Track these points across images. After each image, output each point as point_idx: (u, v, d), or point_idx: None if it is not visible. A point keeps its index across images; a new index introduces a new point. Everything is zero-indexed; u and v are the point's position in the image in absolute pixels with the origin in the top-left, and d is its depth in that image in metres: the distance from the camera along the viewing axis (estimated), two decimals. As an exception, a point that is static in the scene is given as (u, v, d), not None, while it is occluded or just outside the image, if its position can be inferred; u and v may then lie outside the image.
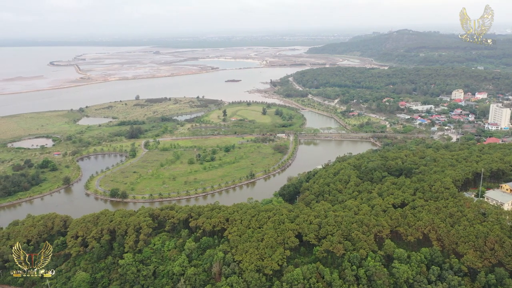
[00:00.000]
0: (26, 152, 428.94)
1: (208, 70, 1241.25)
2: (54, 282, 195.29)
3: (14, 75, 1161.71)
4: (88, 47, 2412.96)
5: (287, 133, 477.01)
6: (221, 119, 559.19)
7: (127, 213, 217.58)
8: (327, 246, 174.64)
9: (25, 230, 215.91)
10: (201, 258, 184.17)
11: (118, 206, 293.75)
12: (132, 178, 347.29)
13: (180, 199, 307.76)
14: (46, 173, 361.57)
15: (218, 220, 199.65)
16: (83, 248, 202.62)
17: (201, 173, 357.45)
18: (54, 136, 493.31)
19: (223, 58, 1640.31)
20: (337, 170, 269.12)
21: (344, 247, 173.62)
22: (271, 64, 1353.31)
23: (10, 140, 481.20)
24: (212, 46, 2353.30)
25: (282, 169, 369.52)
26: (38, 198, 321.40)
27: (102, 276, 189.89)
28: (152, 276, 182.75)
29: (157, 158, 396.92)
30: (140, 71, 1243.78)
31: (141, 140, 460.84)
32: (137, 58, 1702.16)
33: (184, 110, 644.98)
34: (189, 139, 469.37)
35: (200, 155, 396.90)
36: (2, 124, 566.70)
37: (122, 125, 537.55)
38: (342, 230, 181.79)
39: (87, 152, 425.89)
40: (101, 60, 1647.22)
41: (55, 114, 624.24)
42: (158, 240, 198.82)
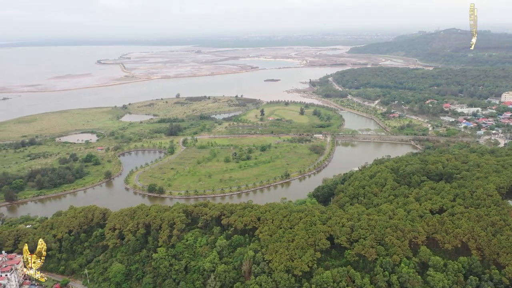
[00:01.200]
0: (72, 146, 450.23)
1: (248, 70, 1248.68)
2: (92, 272, 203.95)
3: (65, 73, 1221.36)
4: (134, 46, 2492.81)
5: (324, 133, 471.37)
6: (258, 118, 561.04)
7: (162, 208, 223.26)
8: (359, 250, 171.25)
9: (67, 221, 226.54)
10: (231, 256, 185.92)
11: (155, 201, 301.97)
12: (169, 174, 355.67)
13: (214, 196, 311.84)
14: (89, 167, 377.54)
15: (249, 219, 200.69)
16: (120, 241, 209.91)
17: (237, 172, 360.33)
18: (98, 132, 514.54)
19: (263, 57, 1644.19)
20: (374, 173, 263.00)
21: (376, 252, 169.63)
22: (311, 64, 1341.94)
23: (58, 134, 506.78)
24: (253, 45, 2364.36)
25: (318, 170, 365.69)
26: (81, 191, 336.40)
27: (137, 269, 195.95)
28: (183, 271, 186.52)
29: (194, 156, 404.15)
30: (182, 70, 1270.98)
31: (179, 138, 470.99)
32: (179, 57, 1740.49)
33: (222, 109, 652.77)
34: (226, 137, 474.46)
35: (236, 154, 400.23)
36: (52, 119, 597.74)
37: (162, 122, 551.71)
38: (375, 234, 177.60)
39: (128, 148, 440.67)
40: (145, 59, 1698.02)
41: (100, 111, 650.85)
42: (190, 236, 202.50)
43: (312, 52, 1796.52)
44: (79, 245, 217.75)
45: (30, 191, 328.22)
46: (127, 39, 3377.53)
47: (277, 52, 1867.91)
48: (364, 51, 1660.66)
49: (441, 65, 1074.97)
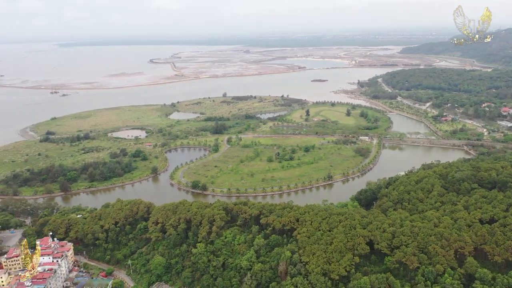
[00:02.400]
0: (123, 141, 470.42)
1: (295, 69, 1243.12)
2: (135, 263, 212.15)
3: (119, 71, 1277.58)
4: (184, 46, 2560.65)
5: (370, 136, 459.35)
6: (303, 119, 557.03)
7: (203, 205, 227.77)
8: (400, 257, 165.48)
9: (114, 213, 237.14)
10: (268, 255, 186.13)
11: (198, 197, 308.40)
12: (213, 172, 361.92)
13: (256, 195, 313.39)
14: (137, 162, 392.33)
15: (288, 219, 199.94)
16: (162, 234, 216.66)
17: (279, 172, 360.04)
18: (147, 128, 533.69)
19: (311, 57, 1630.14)
20: (420, 178, 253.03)
21: (418, 260, 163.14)
22: (360, 64, 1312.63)
23: (110, 130, 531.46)
24: (301, 45, 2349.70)
25: (362, 173, 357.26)
26: (129, 185, 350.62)
27: (177, 262, 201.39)
28: (221, 267, 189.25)
29: (237, 154, 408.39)
30: (230, 69, 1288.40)
31: (224, 136, 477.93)
32: (227, 56, 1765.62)
33: (267, 109, 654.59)
34: (270, 137, 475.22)
35: (279, 154, 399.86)
36: (105, 115, 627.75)
37: (208, 120, 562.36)
38: (418, 242, 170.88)
39: (175, 144, 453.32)
40: (195, 58, 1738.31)
41: (150, 108, 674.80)
42: (229, 233, 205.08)
43: (361, 52, 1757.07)
44: (124, 236, 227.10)
45: (82, 183, 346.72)
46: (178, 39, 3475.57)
47: (325, 52, 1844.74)
48: (417, 51, 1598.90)
49: (501, 66, 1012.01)
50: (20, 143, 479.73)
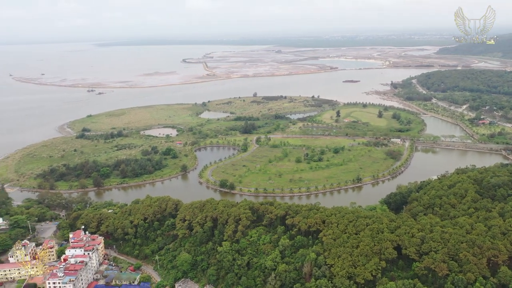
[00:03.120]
0: (154, 139, 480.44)
1: (327, 70, 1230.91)
2: (162, 259, 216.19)
3: (152, 71, 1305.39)
4: (217, 46, 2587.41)
5: (402, 138, 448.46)
6: (333, 120, 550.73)
7: (230, 204, 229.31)
8: (429, 263, 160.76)
9: (143, 209, 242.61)
10: (293, 256, 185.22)
11: (226, 196, 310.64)
12: (241, 171, 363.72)
13: (283, 196, 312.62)
14: (168, 160, 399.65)
15: (314, 220, 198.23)
16: (189, 231, 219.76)
17: (307, 173, 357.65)
18: (178, 127, 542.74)
19: (343, 57, 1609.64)
20: (453, 183, 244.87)
21: (448, 268, 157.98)
22: (394, 65, 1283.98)
23: (142, 128, 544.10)
24: (334, 45, 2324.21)
25: (393, 176, 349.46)
26: (159, 182, 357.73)
27: (202, 260, 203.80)
28: (246, 266, 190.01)
29: (266, 154, 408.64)
30: (261, 69, 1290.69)
31: (253, 136, 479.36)
32: (259, 56, 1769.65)
33: (297, 109, 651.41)
34: (299, 137, 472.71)
35: (308, 155, 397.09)
36: (138, 113, 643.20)
37: (238, 120, 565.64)
38: (449, 249, 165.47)
39: (204, 143, 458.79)
40: (227, 58, 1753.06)
41: (181, 107, 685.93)
42: (255, 233, 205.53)
43: (396, 53, 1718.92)
44: (152, 232, 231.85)
45: (114, 179, 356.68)
46: (211, 38, 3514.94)
47: (358, 52, 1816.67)
48: (455, 52, 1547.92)
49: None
50: (57, 139, 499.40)
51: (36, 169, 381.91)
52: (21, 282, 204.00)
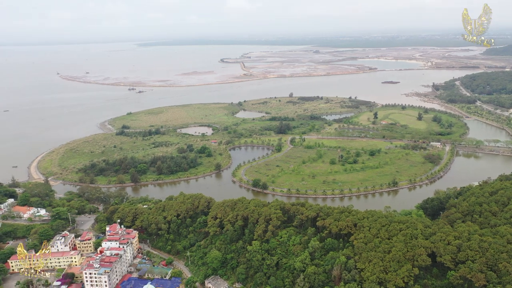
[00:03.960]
0: (190, 137, 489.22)
1: (366, 70, 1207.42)
2: (193, 255, 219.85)
3: (191, 70, 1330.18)
4: (255, 46, 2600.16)
5: (443, 142, 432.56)
6: (370, 122, 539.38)
7: (261, 203, 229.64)
8: (465, 272, 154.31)
9: (176, 205, 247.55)
10: (323, 259, 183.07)
11: (258, 196, 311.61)
12: (274, 171, 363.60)
13: (316, 197, 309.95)
14: (202, 158, 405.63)
15: (345, 223, 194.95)
16: (220, 229, 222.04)
17: (341, 175, 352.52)
18: (214, 126, 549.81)
19: (383, 58, 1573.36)
20: (496, 190, 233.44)
21: (486, 278, 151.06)
22: (437, 66, 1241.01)
23: (179, 126, 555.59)
24: (374, 45, 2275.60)
25: (431, 181, 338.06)
26: (193, 179, 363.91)
27: (232, 258, 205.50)
28: (274, 266, 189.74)
29: (300, 155, 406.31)
30: (298, 69, 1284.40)
31: (288, 136, 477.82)
32: (296, 57, 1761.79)
33: (334, 110, 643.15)
34: (334, 139, 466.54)
35: (343, 156, 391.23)
36: (176, 112, 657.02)
37: (273, 120, 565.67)
38: (487, 258, 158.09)
39: (239, 142, 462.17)
40: (264, 58, 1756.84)
41: (217, 106, 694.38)
42: (285, 233, 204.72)
43: (439, 53, 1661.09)
44: (185, 228, 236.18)
45: (151, 175, 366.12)
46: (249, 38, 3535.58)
47: (399, 52, 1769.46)
48: (503, 53, 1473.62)
49: None
50: (99, 135, 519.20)
51: (78, 163, 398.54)
52: (60, 271, 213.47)
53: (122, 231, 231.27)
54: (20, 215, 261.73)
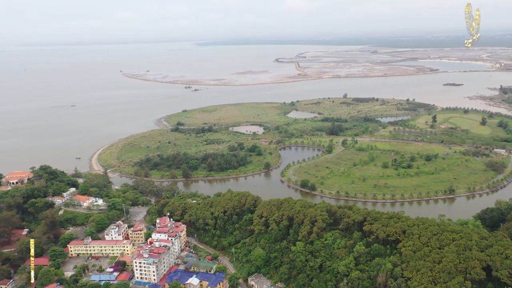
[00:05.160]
0: (241, 136, 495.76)
1: (426, 72, 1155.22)
2: (238, 252, 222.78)
3: (246, 69, 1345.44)
4: (311, 46, 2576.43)
5: (508, 149, 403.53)
6: (428, 125, 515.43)
7: (307, 204, 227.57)
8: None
9: (224, 202, 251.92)
10: (368, 264, 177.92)
11: (306, 197, 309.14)
12: (323, 172, 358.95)
13: (365, 201, 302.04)
14: (252, 156, 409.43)
15: (394, 229, 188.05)
16: (265, 228, 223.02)
17: (394, 179, 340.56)
18: (265, 125, 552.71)
19: (446, 59, 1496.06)
20: None
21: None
22: (507, 68, 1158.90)
23: (231, 124, 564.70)
24: (436, 45, 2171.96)
25: (492, 190, 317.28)
26: (242, 177, 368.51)
27: (275, 257, 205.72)
28: (318, 269, 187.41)
29: (351, 157, 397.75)
30: (354, 69, 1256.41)
31: (339, 138, 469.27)
32: (353, 57, 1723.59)
33: (389, 112, 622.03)
34: (388, 142, 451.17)
35: (396, 160, 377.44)
36: (229, 110, 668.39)
37: (325, 121, 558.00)
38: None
39: (289, 142, 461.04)
40: (319, 58, 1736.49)
41: (270, 106, 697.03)
42: (330, 236, 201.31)
43: (510, 54, 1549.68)
44: (231, 225, 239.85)
45: (201, 171, 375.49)
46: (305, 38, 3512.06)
47: (464, 53, 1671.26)
48: None
49: None
50: (155, 131, 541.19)
51: (135, 157, 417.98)
52: (113, 258, 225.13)
53: (171, 224, 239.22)
54: (80, 203, 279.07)
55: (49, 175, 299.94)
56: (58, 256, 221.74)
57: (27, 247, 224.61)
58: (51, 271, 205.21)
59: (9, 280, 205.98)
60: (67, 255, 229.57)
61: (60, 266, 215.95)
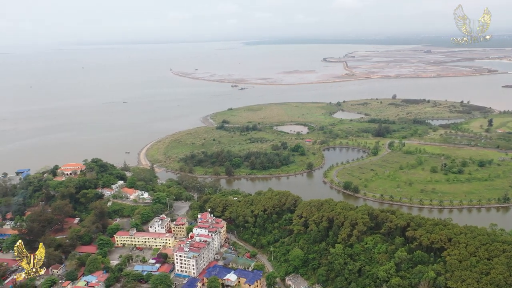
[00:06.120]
0: (285, 135, 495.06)
1: (483, 73, 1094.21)
2: (276, 251, 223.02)
3: (292, 69, 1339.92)
4: (360, 45, 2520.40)
5: None
6: (483, 129, 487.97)
7: (348, 207, 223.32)
8: None
9: (264, 200, 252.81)
10: (410, 271, 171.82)
11: (349, 199, 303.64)
12: (367, 175, 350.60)
13: (411, 206, 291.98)
14: (295, 156, 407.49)
15: (439, 237, 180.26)
16: (304, 228, 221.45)
17: (442, 184, 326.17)
18: (310, 125, 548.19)
19: (506, 59, 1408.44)
20: None
21: None
22: None
23: (276, 124, 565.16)
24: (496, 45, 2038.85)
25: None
26: (284, 177, 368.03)
27: (314, 258, 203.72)
28: (357, 272, 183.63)
29: (398, 160, 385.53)
30: (404, 70, 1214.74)
31: (386, 140, 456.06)
32: (404, 56, 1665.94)
33: (441, 115, 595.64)
34: (438, 145, 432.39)
35: (446, 165, 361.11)
36: (274, 109, 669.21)
37: (372, 122, 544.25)
38: None
39: (333, 143, 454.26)
40: (369, 58, 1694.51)
41: (315, 106, 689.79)
42: (371, 240, 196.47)
43: None
44: (270, 224, 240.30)
45: (244, 169, 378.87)
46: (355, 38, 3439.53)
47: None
48: None
49: None
50: (201, 128, 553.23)
51: (180, 153, 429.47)
52: (156, 250, 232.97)
53: (212, 220, 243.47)
54: (127, 196, 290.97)
55: (100, 167, 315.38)
56: (105, 245, 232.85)
57: (77, 235, 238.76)
58: (98, 259, 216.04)
59: (61, 265, 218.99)
60: (114, 244, 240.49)
61: (106, 255, 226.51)
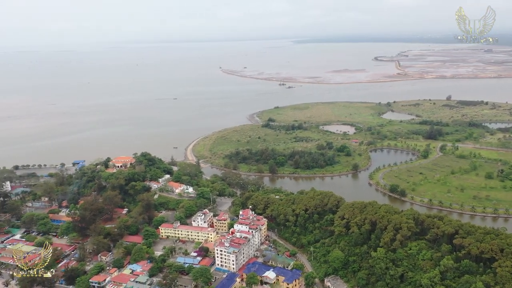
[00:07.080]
0: (331, 135, 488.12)
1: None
2: (316, 251, 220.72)
3: (342, 68, 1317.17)
4: (415, 44, 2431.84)
5: None
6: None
7: (392, 210, 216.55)
8: None
9: (306, 200, 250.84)
10: (456, 281, 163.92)
11: (395, 202, 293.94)
12: (416, 178, 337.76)
13: (462, 213, 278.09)
14: (340, 157, 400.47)
15: (490, 246, 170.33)
16: (345, 230, 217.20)
17: (498, 192, 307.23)
18: (357, 125, 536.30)
19: None
20: None
21: None
22: None
23: (322, 123, 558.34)
24: None
25: None
26: (328, 177, 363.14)
27: (354, 261, 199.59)
28: (398, 278, 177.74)
29: (449, 164, 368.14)
30: (462, 70, 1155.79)
31: (437, 142, 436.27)
32: (462, 56, 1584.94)
33: (500, 117, 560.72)
34: (496, 150, 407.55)
35: (504, 171, 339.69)
36: (320, 108, 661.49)
37: (423, 124, 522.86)
38: None
39: (381, 145, 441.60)
40: (423, 57, 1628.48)
41: (364, 106, 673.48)
42: (415, 246, 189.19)
43: None
44: (311, 224, 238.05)
45: (288, 168, 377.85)
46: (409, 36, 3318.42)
47: None
48: None
49: None
50: (247, 126, 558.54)
51: (225, 150, 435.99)
52: (198, 244, 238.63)
53: (253, 217, 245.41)
54: (173, 189, 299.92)
55: (148, 161, 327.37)
56: (151, 236, 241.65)
57: (125, 225, 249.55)
58: (143, 249, 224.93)
59: (109, 253, 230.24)
60: (158, 236, 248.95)
61: (151, 245, 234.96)
